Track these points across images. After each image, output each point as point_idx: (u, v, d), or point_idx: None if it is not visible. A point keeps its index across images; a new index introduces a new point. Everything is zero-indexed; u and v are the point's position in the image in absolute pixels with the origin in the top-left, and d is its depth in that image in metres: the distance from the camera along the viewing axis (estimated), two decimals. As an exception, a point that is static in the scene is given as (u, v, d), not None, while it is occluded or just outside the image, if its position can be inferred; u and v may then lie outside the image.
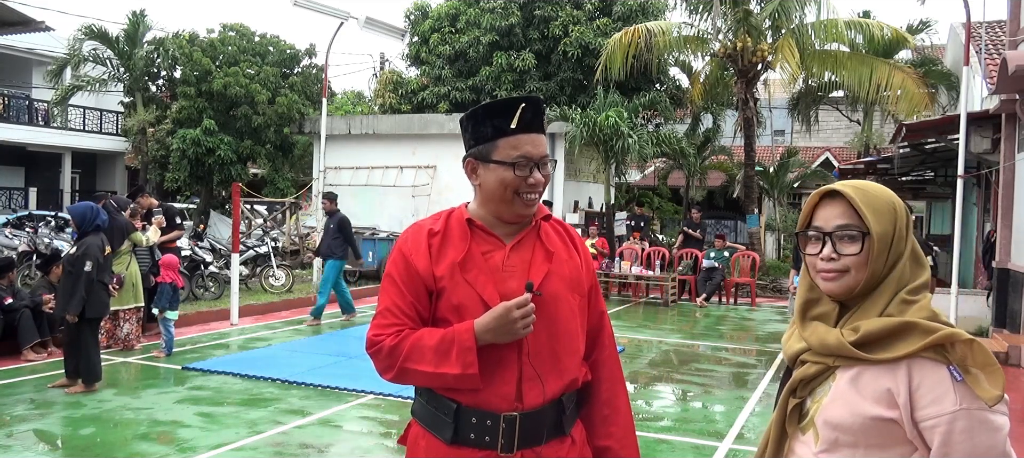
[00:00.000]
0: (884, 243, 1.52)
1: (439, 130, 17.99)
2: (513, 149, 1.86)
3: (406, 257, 1.91)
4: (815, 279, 1.60)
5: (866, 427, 1.47)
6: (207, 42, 21.17)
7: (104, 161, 28.42)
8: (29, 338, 7.79)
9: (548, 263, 1.92)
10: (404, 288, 1.89)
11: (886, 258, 1.52)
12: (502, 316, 1.79)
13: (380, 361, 1.88)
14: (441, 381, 1.83)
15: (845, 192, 1.55)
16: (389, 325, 1.88)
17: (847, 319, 1.55)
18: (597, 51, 17.49)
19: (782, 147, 25.08)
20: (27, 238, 13.21)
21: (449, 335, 1.82)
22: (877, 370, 1.47)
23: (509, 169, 1.86)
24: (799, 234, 1.64)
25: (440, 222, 1.96)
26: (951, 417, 1.40)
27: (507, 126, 1.87)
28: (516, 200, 1.89)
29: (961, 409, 1.40)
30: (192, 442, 5.32)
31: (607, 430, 2.01)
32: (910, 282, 1.53)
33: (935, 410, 1.41)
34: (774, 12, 15.82)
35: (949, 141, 11.68)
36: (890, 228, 1.53)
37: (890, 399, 1.45)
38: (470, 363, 1.79)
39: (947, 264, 11.86)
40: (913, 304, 1.50)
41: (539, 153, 1.89)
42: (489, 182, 1.90)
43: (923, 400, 1.42)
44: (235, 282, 10.45)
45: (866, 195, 1.55)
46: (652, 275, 14.07)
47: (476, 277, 1.87)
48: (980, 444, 1.41)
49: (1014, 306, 9.87)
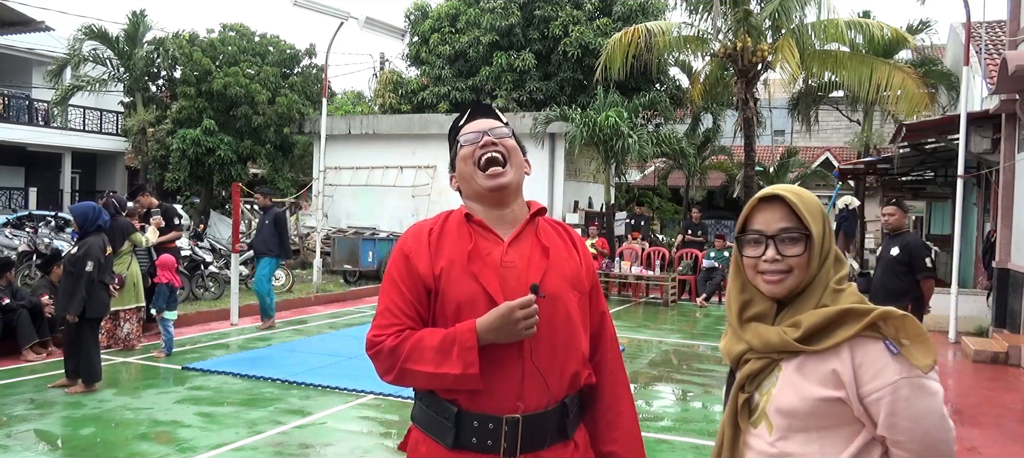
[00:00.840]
0: (820, 243, 1.62)
1: (439, 130, 17.99)
2: (465, 133, 2.01)
3: (407, 256, 1.92)
4: (755, 281, 1.66)
5: (816, 409, 1.55)
6: (207, 42, 21.17)
7: (104, 161, 28.41)
8: (28, 338, 7.79)
9: (546, 259, 1.92)
10: (404, 288, 1.89)
11: (821, 257, 1.63)
12: (505, 316, 1.78)
13: (380, 362, 1.88)
14: (442, 382, 1.82)
15: (784, 196, 1.64)
16: (389, 325, 1.87)
17: (784, 315, 1.64)
18: (597, 51, 17.48)
19: (782, 147, 25.10)
20: (27, 238, 13.20)
21: (450, 335, 1.81)
22: (821, 355, 1.56)
23: (465, 147, 1.98)
24: (738, 238, 1.70)
25: (439, 221, 1.98)
26: (893, 387, 1.50)
27: (461, 123, 2.05)
28: (478, 173, 1.95)
29: (901, 378, 1.51)
30: (192, 442, 5.32)
31: (611, 435, 1.99)
32: (836, 274, 1.64)
33: (878, 383, 1.51)
34: (774, 12, 15.80)
35: (949, 141, 11.68)
36: (822, 229, 1.63)
37: (836, 379, 1.54)
38: (471, 363, 1.78)
39: (947, 264, 11.84)
40: (843, 292, 1.62)
41: (485, 126, 2.00)
42: (459, 172, 2.01)
43: (866, 375, 1.52)
44: (235, 282, 10.45)
45: (803, 199, 1.64)
46: (652, 275, 14.07)
47: (480, 270, 1.87)
48: (921, 408, 1.51)
49: (1014, 306, 9.87)
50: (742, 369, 1.66)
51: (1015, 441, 5.99)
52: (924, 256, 6.33)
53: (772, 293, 1.63)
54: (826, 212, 1.68)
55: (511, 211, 1.97)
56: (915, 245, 6.39)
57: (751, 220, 1.68)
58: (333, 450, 5.30)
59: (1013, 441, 5.98)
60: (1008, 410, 6.95)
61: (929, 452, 1.53)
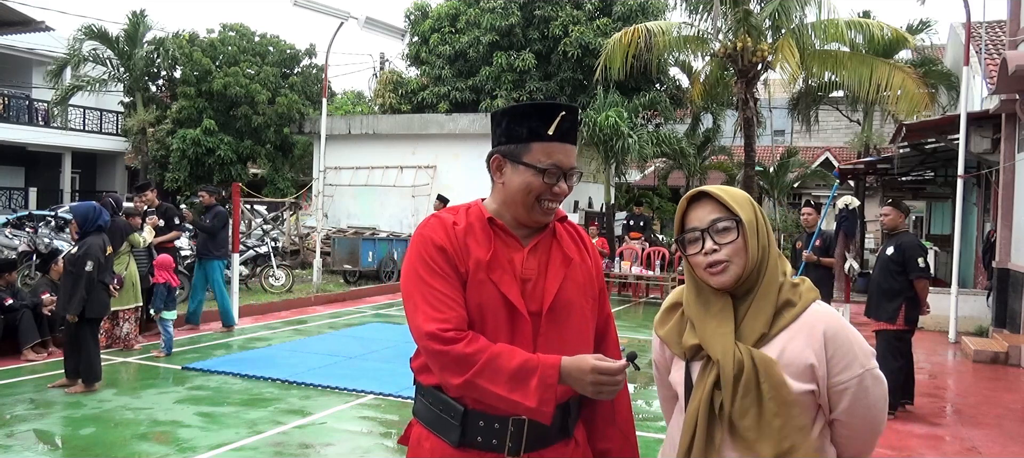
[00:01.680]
0: (752, 228, 1.70)
1: (439, 130, 17.99)
2: (546, 155, 1.84)
3: (441, 248, 1.83)
4: (703, 277, 1.72)
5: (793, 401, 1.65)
6: (207, 42, 21.18)
7: (104, 161, 28.41)
8: (29, 338, 7.78)
9: (565, 268, 1.90)
10: (449, 278, 1.81)
11: (756, 242, 1.70)
12: (590, 372, 1.72)
13: (448, 363, 1.76)
14: (510, 407, 1.75)
15: (709, 192, 1.74)
16: (451, 317, 1.77)
17: (744, 318, 1.70)
18: (597, 51, 17.48)
19: (782, 147, 25.09)
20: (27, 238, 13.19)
21: (531, 364, 1.74)
22: (795, 345, 1.65)
23: (538, 175, 1.83)
24: (677, 241, 1.77)
25: (461, 216, 1.91)
26: (859, 378, 1.65)
27: (544, 131, 1.84)
28: (536, 207, 1.86)
29: (865, 370, 1.66)
30: (192, 442, 5.32)
31: (608, 432, 2.01)
32: (787, 270, 1.74)
33: (847, 375, 1.64)
34: (774, 12, 15.80)
35: (949, 141, 11.68)
36: (752, 215, 1.72)
37: (811, 373, 1.64)
38: (548, 400, 1.73)
39: (947, 264, 11.85)
40: (801, 286, 1.73)
41: (569, 164, 1.87)
42: (514, 183, 1.86)
43: (836, 368, 1.64)
44: (235, 282, 10.45)
45: (727, 192, 1.74)
46: (652, 275, 14.07)
47: (501, 277, 1.83)
48: (878, 395, 1.68)
49: (1014, 306, 9.87)
50: (713, 369, 1.69)
51: (1015, 441, 5.98)
52: (917, 256, 6.33)
53: (719, 284, 1.69)
54: (756, 204, 1.75)
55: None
56: (908, 245, 6.39)
57: (686, 220, 1.76)
58: (333, 450, 5.29)
59: (1013, 441, 5.98)
60: (1008, 410, 6.94)
61: (873, 430, 1.70)
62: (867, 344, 1.70)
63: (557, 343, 1.84)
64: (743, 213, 1.70)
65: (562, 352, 1.81)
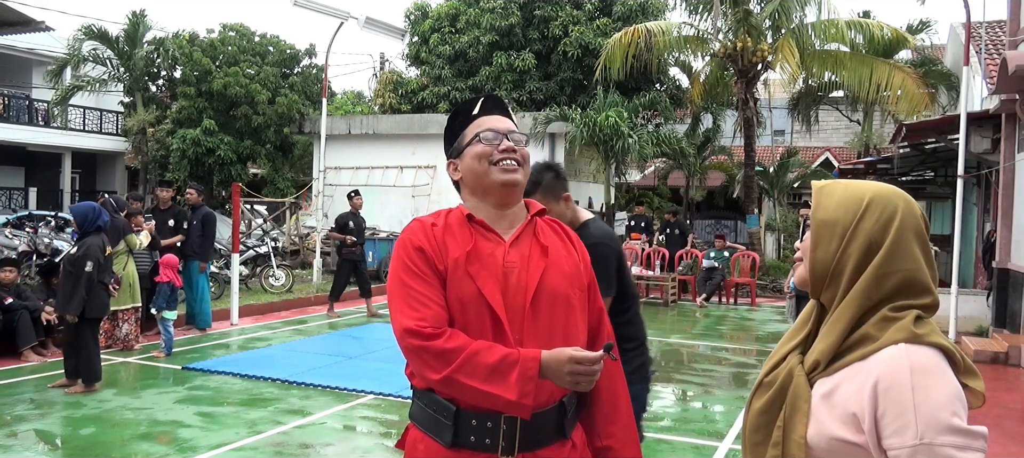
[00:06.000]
0: (829, 230, 1.44)
1: (439, 130, 17.61)
2: (478, 127, 1.96)
3: (420, 249, 1.87)
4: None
5: (833, 449, 1.39)
6: (207, 42, 21.18)
7: (104, 161, 28.40)
8: (27, 339, 7.78)
9: (545, 258, 1.91)
10: (428, 277, 1.85)
11: (830, 246, 1.43)
12: (566, 362, 1.74)
13: (428, 359, 1.78)
14: (490, 401, 1.77)
15: (815, 184, 1.53)
16: (427, 315, 1.80)
17: (818, 336, 1.48)
18: (597, 51, 17.49)
19: (782, 147, 25.06)
20: (27, 238, 13.19)
21: (511, 358, 1.75)
22: (848, 388, 1.38)
23: (479, 142, 1.93)
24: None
25: (440, 218, 1.95)
26: (911, 451, 1.30)
27: (471, 114, 1.99)
28: (494, 170, 1.91)
29: (920, 443, 1.29)
30: (192, 442, 5.32)
31: (608, 430, 1.99)
32: (900, 300, 1.39)
33: (897, 441, 1.31)
34: (774, 12, 15.82)
35: (949, 141, 11.68)
36: (841, 217, 1.43)
37: (856, 424, 1.36)
38: (528, 393, 1.73)
39: (947, 264, 11.85)
40: (901, 320, 1.37)
41: (506, 127, 1.95)
42: (467, 166, 1.95)
43: (886, 429, 1.33)
44: (235, 282, 10.46)
45: (833, 185, 1.49)
46: (652, 275, 14.07)
47: (478, 272, 1.84)
48: None
49: (1014, 306, 9.87)
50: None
51: (1015, 441, 5.99)
52: None
53: (796, 279, 1.57)
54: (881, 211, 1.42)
55: (512, 211, 1.96)
56: None
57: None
58: (333, 450, 5.30)
59: (1013, 441, 5.98)
60: (1008, 410, 6.94)
61: None
62: (944, 414, 1.29)
63: (545, 334, 1.84)
64: (822, 212, 1.45)
65: (552, 344, 1.81)
